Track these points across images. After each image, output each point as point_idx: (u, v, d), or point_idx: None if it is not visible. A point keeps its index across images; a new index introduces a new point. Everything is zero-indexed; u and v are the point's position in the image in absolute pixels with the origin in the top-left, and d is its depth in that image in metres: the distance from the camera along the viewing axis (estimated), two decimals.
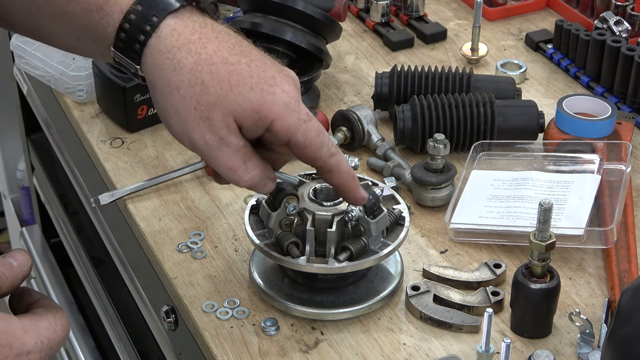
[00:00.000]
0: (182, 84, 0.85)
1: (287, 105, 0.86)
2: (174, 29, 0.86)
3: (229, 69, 0.86)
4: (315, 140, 0.88)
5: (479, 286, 1.04)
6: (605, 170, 1.15)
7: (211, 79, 0.85)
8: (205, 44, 0.86)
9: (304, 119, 0.87)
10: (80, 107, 1.34)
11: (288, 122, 0.87)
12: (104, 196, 1.18)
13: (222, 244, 1.11)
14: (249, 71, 0.86)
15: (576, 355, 0.97)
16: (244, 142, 0.87)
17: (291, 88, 0.88)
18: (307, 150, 0.89)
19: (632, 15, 1.39)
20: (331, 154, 0.90)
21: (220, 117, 0.86)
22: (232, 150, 0.87)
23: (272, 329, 1.00)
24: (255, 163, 0.89)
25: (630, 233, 1.09)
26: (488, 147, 1.20)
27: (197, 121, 0.86)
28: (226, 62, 0.86)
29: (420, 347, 0.98)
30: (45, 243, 1.98)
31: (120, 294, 1.49)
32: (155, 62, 0.86)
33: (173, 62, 0.85)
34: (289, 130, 0.87)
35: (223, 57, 0.86)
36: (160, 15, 0.86)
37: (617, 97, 1.31)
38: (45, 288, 1.88)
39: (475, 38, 1.41)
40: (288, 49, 1.29)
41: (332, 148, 0.90)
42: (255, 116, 0.86)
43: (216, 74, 0.85)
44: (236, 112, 0.86)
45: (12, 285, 0.75)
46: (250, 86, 0.86)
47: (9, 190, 2.22)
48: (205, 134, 0.86)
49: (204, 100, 0.85)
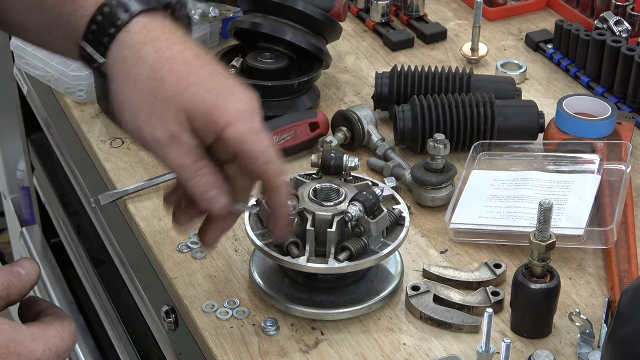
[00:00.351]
0: (141, 77, 0.85)
1: (240, 114, 0.86)
2: (144, 26, 0.86)
3: (189, 69, 0.86)
4: (266, 154, 0.87)
5: (479, 286, 1.04)
6: (605, 170, 1.15)
7: (170, 76, 0.85)
8: (171, 45, 0.86)
9: (255, 130, 0.86)
10: (80, 107, 1.34)
11: (239, 129, 0.85)
12: (104, 196, 1.18)
13: (222, 244, 1.11)
14: (209, 76, 0.86)
15: (576, 355, 0.97)
16: (196, 142, 0.86)
17: (248, 100, 0.87)
18: (256, 163, 0.87)
19: (632, 15, 1.39)
20: (278, 172, 0.88)
21: (173, 113, 0.85)
22: (183, 148, 0.86)
23: (272, 329, 1.00)
24: (207, 164, 0.87)
25: (630, 233, 1.09)
26: (488, 147, 1.20)
27: (149, 115, 0.85)
28: (188, 64, 0.86)
29: (420, 347, 0.98)
30: (45, 243, 1.98)
31: (120, 294, 1.49)
32: (118, 54, 0.86)
33: (136, 56, 0.86)
34: (238, 138, 0.85)
35: (186, 59, 0.86)
36: (133, 12, 0.86)
37: (617, 97, 1.31)
38: (45, 288, 1.88)
39: (475, 38, 1.41)
40: (288, 49, 1.29)
41: (280, 166, 0.88)
42: (207, 118, 0.85)
43: (176, 72, 0.85)
44: (189, 110, 0.85)
45: (21, 293, 0.75)
46: (207, 89, 0.85)
47: (9, 190, 2.22)
48: (156, 129, 0.85)
49: (160, 94, 0.85)
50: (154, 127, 0.85)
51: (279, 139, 1.21)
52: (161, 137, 0.85)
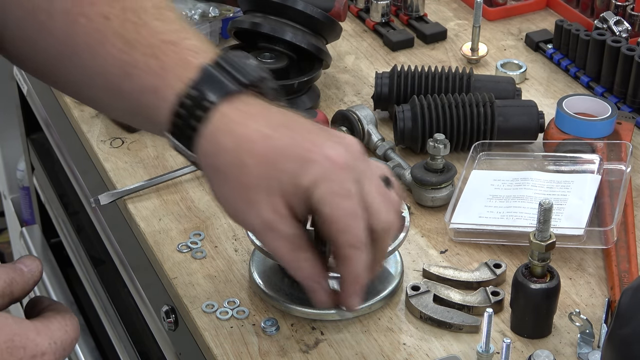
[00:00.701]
0: (226, 167, 0.82)
1: (325, 174, 0.80)
2: (223, 114, 0.82)
3: (268, 144, 0.81)
4: (342, 222, 0.81)
5: (479, 286, 1.04)
6: (605, 170, 1.15)
7: (251, 159, 0.81)
8: (247, 123, 0.82)
9: (340, 193, 0.80)
10: (80, 107, 1.34)
11: (322, 190, 0.80)
12: (104, 196, 1.18)
13: (222, 244, 1.11)
14: (290, 143, 0.81)
15: (576, 355, 0.97)
16: (294, 232, 0.82)
17: (339, 154, 0.81)
18: (330, 228, 0.81)
19: (632, 15, 1.39)
20: (351, 245, 0.82)
21: (266, 199, 0.81)
22: (278, 236, 0.82)
23: (272, 329, 1.00)
24: (307, 257, 0.83)
25: (630, 233, 1.09)
26: (488, 147, 1.20)
27: (243, 206, 0.82)
28: (266, 138, 0.81)
29: (420, 347, 0.98)
30: (45, 243, 1.98)
31: (120, 294, 1.49)
32: (202, 149, 0.83)
33: (216, 147, 0.82)
34: (318, 199, 0.80)
35: (263, 134, 0.81)
36: (213, 102, 0.82)
37: (617, 97, 1.31)
38: (45, 288, 1.88)
39: (475, 38, 1.41)
40: (288, 49, 1.29)
41: (354, 240, 0.81)
42: (294, 189, 0.81)
43: (255, 153, 0.81)
44: (280, 190, 0.81)
45: (24, 290, 0.75)
46: (289, 158, 0.80)
47: (9, 190, 2.22)
48: (251, 218, 0.82)
49: (246, 182, 0.81)
50: (249, 216, 0.82)
51: None
52: (257, 226, 0.82)
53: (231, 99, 0.83)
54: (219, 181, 0.83)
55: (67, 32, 0.85)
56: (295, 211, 0.82)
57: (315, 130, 0.84)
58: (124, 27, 0.84)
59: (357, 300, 0.86)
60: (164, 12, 0.87)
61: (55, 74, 0.89)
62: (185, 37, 0.85)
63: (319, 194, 0.80)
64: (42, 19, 0.85)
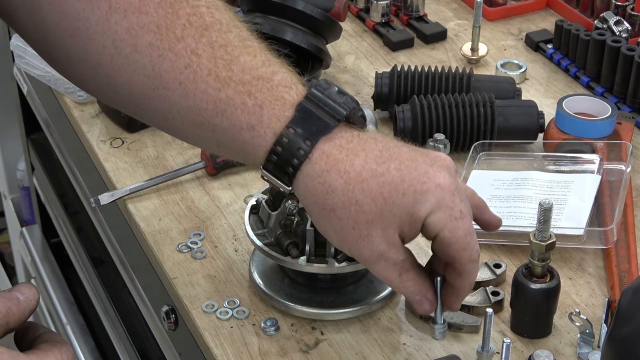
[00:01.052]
0: (337, 206, 0.84)
1: (440, 202, 0.84)
2: (323, 151, 0.84)
3: (379, 181, 0.84)
4: (462, 241, 0.86)
5: (479, 286, 1.04)
6: (605, 170, 1.15)
7: (364, 197, 0.84)
8: (352, 161, 0.84)
9: (455, 216, 0.85)
10: (80, 107, 1.34)
11: (439, 217, 0.84)
12: (104, 196, 1.18)
13: (222, 244, 1.11)
14: (399, 176, 0.84)
15: (576, 355, 0.97)
16: (403, 257, 0.86)
17: (446, 180, 0.85)
18: (450, 248, 0.86)
19: (632, 15, 1.39)
20: (471, 259, 0.87)
21: (380, 233, 0.84)
22: (390, 264, 0.86)
23: (272, 329, 1.00)
24: (411, 277, 0.87)
25: (630, 233, 1.09)
26: (488, 147, 1.20)
27: (356, 240, 0.85)
28: (375, 175, 0.84)
29: (420, 347, 0.98)
30: (45, 243, 1.98)
31: (120, 294, 1.49)
32: (307, 187, 0.85)
33: (325, 186, 0.84)
34: (437, 225, 0.85)
35: (372, 170, 0.84)
36: (313, 140, 0.84)
37: (617, 97, 1.31)
38: (45, 288, 1.88)
39: (475, 38, 1.41)
40: (288, 48, 1.29)
41: (474, 254, 0.87)
42: (410, 219, 0.84)
43: (368, 191, 0.84)
44: (394, 223, 0.84)
45: (20, 320, 0.74)
46: (402, 192, 0.84)
47: (9, 190, 2.22)
48: (364, 251, 0.85)
49: (361, 219, 0.84)
50: (362, 249, 0.85)
51: None
52: (369, 257, 0.86)
53: (330, 135, 0.85)
54: (329, 218, 0.86)
55: (154, 66, 0.85)
56: (406, 237, 0.87)
57: (413, 156, 0.86)
58: (216, 64, 0.85)
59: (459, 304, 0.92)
60: (249, 43, 0.87)
61: (140, 106, 0.88)
62: (274, 70, 0.86)
63: (436, 221, 0.85)
64: (127, 52, 0.85)
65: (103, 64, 0.85)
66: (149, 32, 0.84)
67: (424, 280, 0.89)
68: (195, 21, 0.85)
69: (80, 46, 0.85)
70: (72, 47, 0.85)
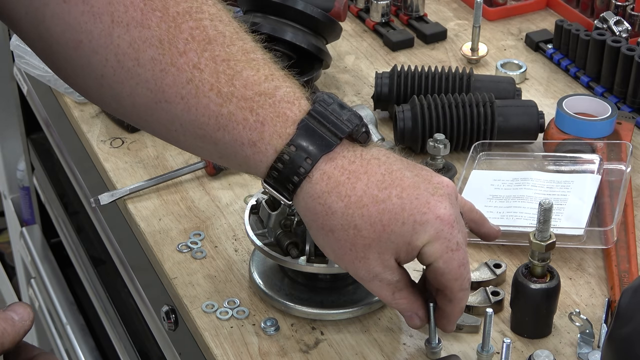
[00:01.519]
0: (335, 228, 0.86)
1: (438, 233, 0.86)
2: (324, 172, 0.85)
3: (379, 208, 0.85)
4: (455, 272, 0.88)
5: (479, 286, 1.04)
6: (605, 170, 1.15)
7: (363, 222, 0.85)
8: (354, 184, 0.85)
9: (452, 247, 0.87)
10: (80, 107, 1.34)
11: (436, 248, 0.86)
12: (104, 196, 1.18)
13: (222, 244, 1.11)
14: (400, 204, 0.85)
15: (576, 355, 0.97)
16: (397, 278, 0.88)
17: (446, 211, 0.86)
18: (443, 278, 0.88)
19: (632, 15, 1.39)
20: (462, 289, 0.89)
21: (376, 257, 0.86)
22: (384, 284, 0.88)
23: (272, 329, 1.00)
24: (404, 295, 0.90)
25: (630, 233, 1.09)
26: (488, 147, 1.20)
27: (352, 260, 0.87)
28: (376, 201, 0.85)
29: (421, 347, 0.98)
30: (45, 243, 1.98)
31: (120, 294, 1.49)
32: (307, 206, 0.86)
33: (324, 208, 0.85)
34: (432, 255, 0.87)
35: (373, 196, 0.85)
36: (314, 159, 0.85)
37: (617, 97, 1.31)
38: (45, 288, 1.89)
39: (475, 38, 1.41)
40: (288, 49, 1.29)
41: (465, 283, 0.89)
42: (407, 247, 0.86)
43: (367, 217, 0.85)
44: (391, 249, 0.86)
45: (14, 341, 0.74)
46: (402, 221, 0.85)
47: (9, 190, 2.22)
48: (359, 271, 0.88)
49: (359, 243, 0.86)
50: (357, 269, 0.88)
51: None
52: (364, 277, 0.88)
53: (331, 154, 0.86)
54: (327, 237, 0.87)
55: (157, 80, 0.85)
56: (402, 261, 0.89)
57: (416, 183, 0.87)
58: (218, 79, 0.85)
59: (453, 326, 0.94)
60: (252, 56, 0.87)
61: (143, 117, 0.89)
62: (277, 85, 0.87)
63: (432, 251, 0.87)
64: (130, 65, 0.85)
65: (106, 77, 0.86)
66: (152, 46, 0.84)
67: (416, 298, 0.91)
68: (198, 35, 0.85)
69: (83, 58, 0.85)
70: (75, 58, 0.86)
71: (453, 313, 0.92)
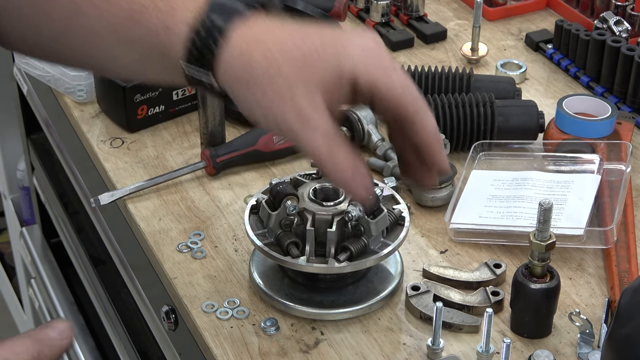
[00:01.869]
0: (258, 75, 0.83)
1: (366, 54, 0.83)
2: (241, 31, 0.84)
3: (301, 48, 0.82)
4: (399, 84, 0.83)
5: (479, 286, 1.04)
6: (605, 170, 1.15)
7: (283, 57, 0.82)
8: (270, 32, 0.84)
9: (386, 65, 0.83)
10: (80, 107, 1.34)
11: (369, 71, 0.82)
12: (104, 196, 1.18)
13: (222, 244, 1.11)
14: (320, 38, 0.83)
15: (576, 355, 0.97)
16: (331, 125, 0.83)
17: (372, 40, 0.84)
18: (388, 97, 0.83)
19: (632, 15, 1.39)
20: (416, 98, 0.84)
21: (303, 93, 0.82)
22: (318, 133, 0.82)
23: (272, 329, 1.00)
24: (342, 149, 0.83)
25: (630, 233, 1.09)
26: (488, 147, 1.20)
27: (279, 105, 0.82)
28: (297, 44, 0.83)
29: (420, 347, 0.98)
30: (45, 243, 1.98)
31: (120, 294, 1.49)
32: (229, 71, 0.84)
33: (244, 59, 0.83)
34: (368, 81, 0.82)
35: (293, 41, 0.83)
36: (229, 22, 0.83)
37: (617, 97, 1.31)
38: (45, 288, 1.88)
39: (475, 38, 1.41)
40: None
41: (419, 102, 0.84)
42: (335, 78, 0.82)
43: (287, 52, 0.82)
44: (318, 84, 0.82)
45: None
46: (323, 49, 0.82)
47: (9, 190, 2.22)
48: (288, 115, 0.82)
49: (284, 82, 0.82)
50: (286, 114, 0.82)
51: (279, 139, 1.21)
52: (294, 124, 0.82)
53: (245, 20, 0.84)
54: (252, 93, 0.83)
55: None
56: (334, 101, 0.83)
57: (338, 30, 0.85)
58: None
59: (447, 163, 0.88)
60: None
61: (61, 43, 0.89)
62: None
63: (366, 74, 0.82)
64: None
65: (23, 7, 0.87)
66: None
67: (356, 157, 0.84)
68: None
69: None
70: None
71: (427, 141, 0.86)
